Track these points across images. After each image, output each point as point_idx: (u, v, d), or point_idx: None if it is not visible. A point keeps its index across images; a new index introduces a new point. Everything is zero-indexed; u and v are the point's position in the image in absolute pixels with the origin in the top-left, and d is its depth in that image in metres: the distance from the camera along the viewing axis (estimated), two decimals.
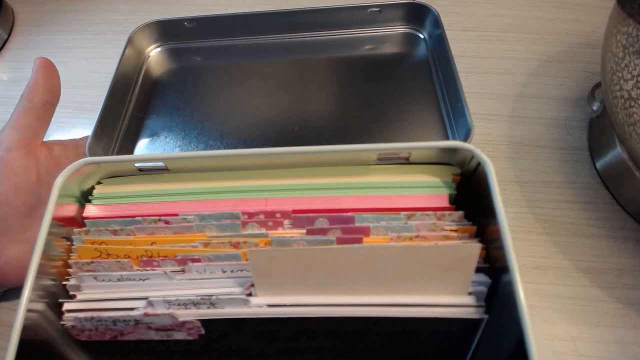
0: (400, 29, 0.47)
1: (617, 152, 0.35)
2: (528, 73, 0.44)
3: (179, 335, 0.22)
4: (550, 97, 0.42)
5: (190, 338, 0.23)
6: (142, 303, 0.22)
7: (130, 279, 0.22)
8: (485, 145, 0.39)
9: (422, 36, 0.46)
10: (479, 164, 0.23)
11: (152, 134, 0.41)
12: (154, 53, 0.48)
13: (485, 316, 0.21)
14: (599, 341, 0.30)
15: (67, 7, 0.55)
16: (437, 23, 0.43)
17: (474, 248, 0.19)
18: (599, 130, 0.38)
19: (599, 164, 0.37)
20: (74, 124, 0.44)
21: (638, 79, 0.28)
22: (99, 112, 0.38)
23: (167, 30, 0.47)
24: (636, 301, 0.31)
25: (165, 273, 0.22)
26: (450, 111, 0.39)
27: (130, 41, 0.45)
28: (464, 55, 0.45)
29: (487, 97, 0.42)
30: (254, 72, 0.45)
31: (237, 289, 0.22)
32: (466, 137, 0.35)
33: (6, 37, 0.52)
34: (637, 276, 0.32)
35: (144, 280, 0.22)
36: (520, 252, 0.34)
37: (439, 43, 0.42)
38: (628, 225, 0.34)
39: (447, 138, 0.38)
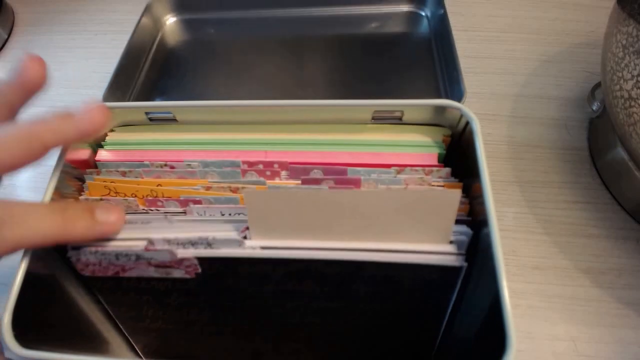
0: (403, 8, 0.49)
1: (617, 152, 0.35)
2: (528, 73, 0.44)
3: (177, 273, 0.23)
4: (550, 97, 0.42)
5: (187, 276, 0.23)
6: (144, 243, 0.22)
7: (132, 222, 0.23)
8: (485, 146, 0.39)
9: (424, 14, 0.48)
10: (467, 124, 0.24)
11: (163, 97, 0.44)
12: (170, 22, 0.50)
13: (465, 264, 0.21)
14: (599, 341, 0.30)
15: (67, 7, 0.55)
16: (439, 2, 0.44)
17: (454, 193, 0.20)
18: (599, 130, 0.38)
19: (599, 164, 0.37)
20: None
21: (638, 79, 0.28)
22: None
23: (184, 1, 0.50)
24: (636, 301, 0.31)
25: (166, 217, 0.23)
26: (447, 81, 0.41)
27: (147, 9, 0.47)
28: (464, 56, 0.45)
29: (487, 97, 0.42)
30: (263, 45, 0.48)
31: (234, 232, 0.23)
32: (458, 100, 0.35)
33: (6, 37, 0.52)
34: (637, 276, 0.32)
35: (146, 223, 0.23)
36: (520, 252, 0.34)
37: (441, 22, 0.44)
38: (628, 225, 0.34)
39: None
